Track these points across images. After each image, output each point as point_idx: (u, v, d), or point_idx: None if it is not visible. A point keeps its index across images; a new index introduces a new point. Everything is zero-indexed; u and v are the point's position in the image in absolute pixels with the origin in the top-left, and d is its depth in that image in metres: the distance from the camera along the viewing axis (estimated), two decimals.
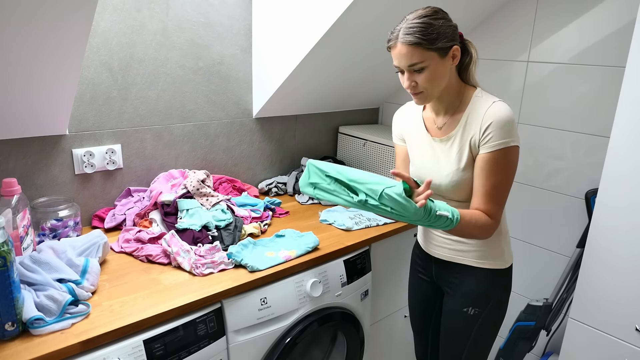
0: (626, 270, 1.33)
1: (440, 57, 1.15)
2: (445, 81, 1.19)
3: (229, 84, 1.88)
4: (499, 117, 1.15)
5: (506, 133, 1.15)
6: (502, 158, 1.16)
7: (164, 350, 1.13)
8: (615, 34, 1.64)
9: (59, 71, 1.18)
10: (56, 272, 1.15)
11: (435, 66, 1.15)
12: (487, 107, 1.18)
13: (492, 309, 1.33)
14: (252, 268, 1.35)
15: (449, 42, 1.15)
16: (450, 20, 1.18)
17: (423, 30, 1.12)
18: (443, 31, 1.13)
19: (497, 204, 1.19)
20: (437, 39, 1.13)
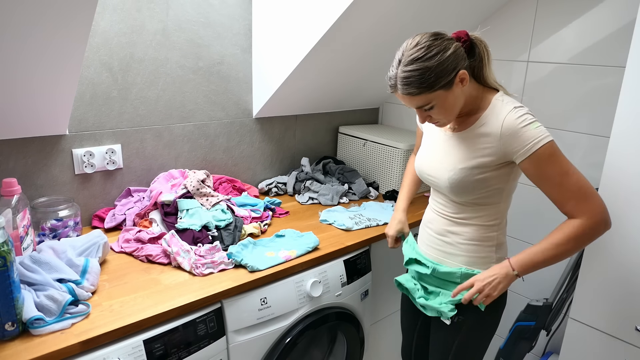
0: (626, 270, 1.33)
1: (447, 90, 1.10)
2: (460, 103, 1.15)
3: (229, 84, 1.88)
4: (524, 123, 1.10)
5: (538, 131, 1.09)
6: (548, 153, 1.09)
7: (164, 350, 1.13)
8: (615, 34, 1.64)
9: (59, 71, 1.18)
10: (56, 272, 1.15)
11: (444, 100, 1.11)
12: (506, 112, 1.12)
13: (478, 319, 1.28)
14: (252, 268, 1.35)
15: (450, 74, 1.08)
16: (447, 47, 1.08)
17: (420, 79, 1.07)
18: (441, 69, 1.07)
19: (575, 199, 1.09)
20: (436, 81, 1.07)
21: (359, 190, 2.04)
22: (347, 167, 2.18)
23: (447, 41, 1.10)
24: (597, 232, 1.11)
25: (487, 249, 1.26)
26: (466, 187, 1.21)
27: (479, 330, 1.31)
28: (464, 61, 1.11)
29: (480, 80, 1.20)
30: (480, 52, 1.16)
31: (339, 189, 2.00)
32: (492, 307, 1.27)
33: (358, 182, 2.07)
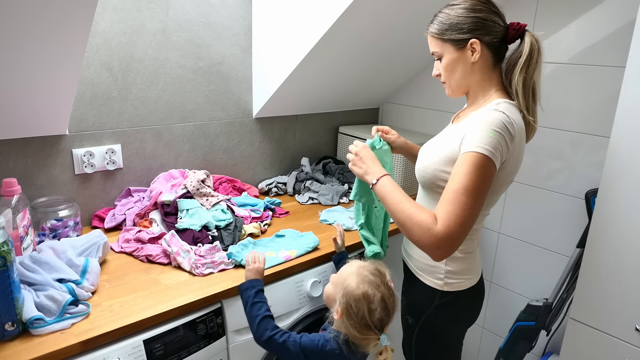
0: (626, 270, 1.33)
1: (456, 50, 1.11)
2: (463, 74, 1.13)
3: (229, 84, 1.88)
4: (488, 122, 1.03)
5: (488, 140, 1.01)
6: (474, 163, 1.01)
7: (164, 350, 1.13)
8: (615, 34, 1.64)
9: (59, 71, 1.18)
10: (56, 272, 1.15)
11: (450, 57, 1.13)
12: (486, 111, 1.07)
13: (426, 325, 1.26)
14: None
15: (464, 34, 1.08)
16: (480, 10, 1.08)
17: (438, 21, 1.12)
18: (457, 22, 1.08)
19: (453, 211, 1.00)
20: (447, 29, 1.10)
21: None
22: (347, 167, 2.18)
23: (484, 7, 1.09)
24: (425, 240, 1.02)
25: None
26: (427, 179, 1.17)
27: (428, 335, 1.28)
28: (487, 35, 1.09)
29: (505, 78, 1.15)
30: (523, 49, 1.09)
31: (339, 189, 2.00)
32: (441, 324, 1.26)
33: None
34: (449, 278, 1.22)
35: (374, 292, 1.05)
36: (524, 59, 1.08)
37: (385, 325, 1.07)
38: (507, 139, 1.03)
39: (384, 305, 1.05)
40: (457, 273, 1.22)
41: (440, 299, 1.23)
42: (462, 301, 1.25)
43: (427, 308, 1.25)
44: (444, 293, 1.23)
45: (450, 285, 1.22)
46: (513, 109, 1.10)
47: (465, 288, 1.23)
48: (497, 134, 1.02)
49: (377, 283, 1.07)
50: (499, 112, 1.05)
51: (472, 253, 1.24)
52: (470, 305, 1.29)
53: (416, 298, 1.29)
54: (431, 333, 1.28)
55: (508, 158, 1.08)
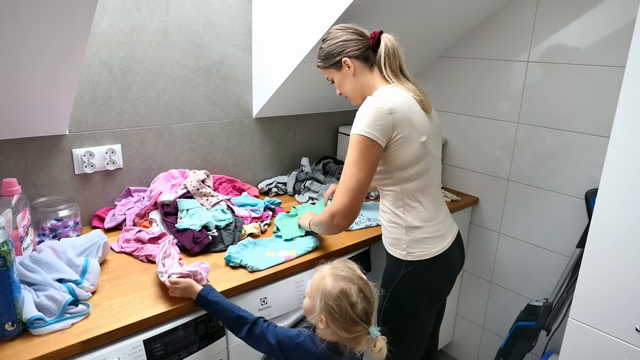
0: (626, 270, 1.33)
1: (337, 70, 1.40)
2: (352, 86, 1.39)
3: (229, 84, 1.88)
4: (360, 110, 1.27)
5: (360, 123, 1.25)
6: (351, 143, 1.27)
7: (164, 350, 1.13)
8: (615, 34, 1.64)
9: (59, 71, 1.18)
10: (56, 272, 1.15)
11: (337, 77, 1.42)
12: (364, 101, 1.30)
13: (392, 295, 1.37)
14: (252, 268, 1.35)
15: (336, 57, 1.37)
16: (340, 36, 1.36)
17: (318, 55, 1.43)
18: (330, 51, 1.38)
19: (338, 187, 1.29)
20: (326, 58, 1.40)
21: None
22: None
23: (343, 32, 1.37)
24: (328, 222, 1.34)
25: (398, 231, 1.35)
26: None
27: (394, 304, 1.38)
28: (354, 51, 1.35)
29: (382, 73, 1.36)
30: (382, 49, 1.34)
31: None
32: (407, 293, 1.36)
33: None
34: (411, 248, 1.34)
35: (349, 286, 1.06)
36: (384, 56, 1.34)
37: (370, 316, 1.07)
38: (380, 114, 1.23)
39: (362, 295, 1.06)
40: (417, 242, 1.34)
41: (405, 269, 1.35)
42: (425, 270, 1.35)
43: (395, 278, 1.37)
44: (407, 263, 1.35)
45: (413, 254, 1.34)
46: (390, 89, 1.31)
47: (427, 257, 1.34)
48: (367, 115, 1.24)
49: (350, 277, 1.08)
50: (370, 98, 1.28)
51: (432, 222, 1.36)
52: (433, 275, 1.37)
53: (386, 270, 1.42)
54: (397, 302, 1.37)
55: (395, 126, 1.25)
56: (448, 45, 2.12)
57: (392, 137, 1.26)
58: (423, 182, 1.34)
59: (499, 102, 2.02)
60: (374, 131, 1.23)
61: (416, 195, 1.33)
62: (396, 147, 1.27)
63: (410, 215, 1.34)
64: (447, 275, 1.43)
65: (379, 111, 1.23)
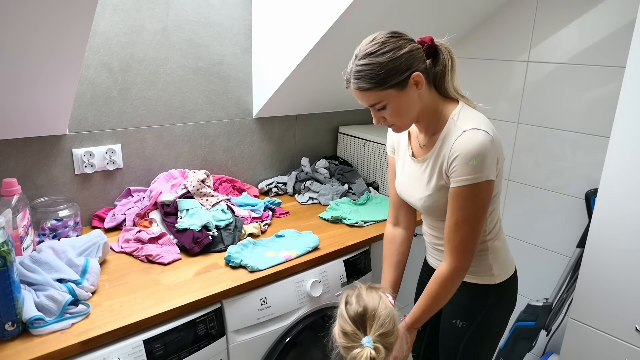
0: (626, 270, 1.33)
1: (399, 91, 1.06)
2: (414, 108, 1.11)
3: (229, 84, 1.88)
4: (465, 151, 1.06)
5: (472, 169, 1.06)
6: (466, 194, 1.09)
7: (164, 350, 1.13)
8: (615, 34, 1.64)
9: (59, 71, 1.18)
10: (56, 272, 1.15)
11: (396, 100, 1.08)
12: (456, 136, 1.09)
13: (481, 324, 1.27)
14: (252, 268, 1.35)
15: (403, 73, 1.05)
16: (403, 45, 1.05)
17: (370, 73, 1.04)
18: (392, 66, 1.03)
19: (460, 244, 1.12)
20: (387, 77, 1.04)
21: (359, 190, 2.03)
22: (347, 167, 2.18)
23: (404, 40, 1.06)
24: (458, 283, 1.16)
25: (484, 258, 1.25)
26: (440, 210, 1.19)
27: (485, 334, 1.30)
28: (421, 63, 1.08)
29: (440, 90, 1.16)
30: (444, 58, 1.11)
31: (339, 189, 2.00)
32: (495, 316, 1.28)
33: (358, 182, 2.07)
34: (498, 269, 1.26)
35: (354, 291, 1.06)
36: (449, 67, 1.12)
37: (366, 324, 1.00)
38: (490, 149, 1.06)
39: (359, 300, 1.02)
40: (502, 263, 1.26)
41: (494, 295, 1.27)
42: (511, 288, 1.30)
43: (483, 308, 1.27)
44: (496, 287, 1.26)
45: (501, 276, 1.26)
46: (471, 112, 1.13)
47: (512, 273, 1.29)
48: (481, 156, 1.05)
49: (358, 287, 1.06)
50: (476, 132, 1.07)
51: (504, 243, 1.30)
52: (515, 288, 1.32)
53: (468, 301, 1.28)
54: (487, 331, 1.29)
55: (499, 153, 1.12)
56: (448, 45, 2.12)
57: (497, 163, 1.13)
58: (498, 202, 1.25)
59: (499, 102, 2.02)
60: (492, 170, 1.08)
61: (496, 216, 1.24)
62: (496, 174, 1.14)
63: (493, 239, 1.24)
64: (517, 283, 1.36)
65: (489, 146, 1.06)
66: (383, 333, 0.99)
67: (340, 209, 1.84)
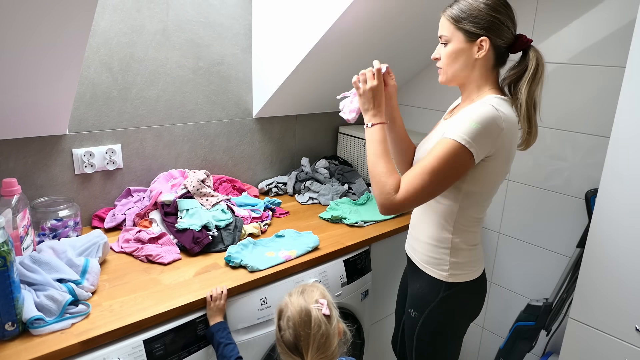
0: (626, 270, 1.33)
1: (466, 41, 1.14)
2: (463, 66, 1.17)
3: (229, 84, 1.88)
4: (471, 112, 1.09)
5: (466, 130, 1.07)
6: (444, 145, 1.09)
7: (164, 350, 1.13)
8: (615, 34, 1.64)
9: (59, 71, 1.18)
10: (56, 272, 1.15)
11: (457, 46, 1.15)
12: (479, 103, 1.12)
13: (430, 317, 1.27)
14: (252, 268, 1.35)
15: (479, 29, 1.12)
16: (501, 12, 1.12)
17: (459, 8, 1.14)
18: (477, 15, 1.11)
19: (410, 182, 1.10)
20: (465, 19, 1.13)
21: (359, 190, 2.04)
22: (347, 167, 2.18)
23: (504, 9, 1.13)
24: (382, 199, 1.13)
25: (441, 251, 1.24)
26: None
27: (431, 328, 1.29)
28: (500, 39, 1.13)
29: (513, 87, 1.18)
30: (530, 62, 1.14)
31: (338, 189, 2.00)
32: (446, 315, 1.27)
33: (358, 182, 2.07)
34: (454, 270, 1.24)
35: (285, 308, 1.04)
36: (530, 73, 1.13)
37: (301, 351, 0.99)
38: (493, 132, 1.08)
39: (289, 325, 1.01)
40: (461, 265, 1.24)
41: (445, 291, 1.25)
42: (466, 293, 1.27)
43: (432, 300, 1.26)
44: (448, 285, 1.24)
45: (455, 276, 1.24)
46: (505, 104, 1.14)
47: (469, 280, 1.25)
48: (480, 126, 1.07)
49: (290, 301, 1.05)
50: (489, 105, 1.09)
51: (477, 245, 1.27)
52: (474, 297, 1.30)
53: (421, 291, 1.30)
54: (434, 325, 1.28)
55: (497, 150, 1.11)
56: None
57: (486, 157, 1.11)
58: (481, 208, 1.22)
59: None
60: (478, 145, 1.07)
61: (470, 218, 1.21)
62: (480, 169, 1.13)
63: (459, 237, 1.22)
64: (484, 295, 1.34)
65: (493, 126, 1.07)
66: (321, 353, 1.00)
67: (340, 209, 1.84)
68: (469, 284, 1.26)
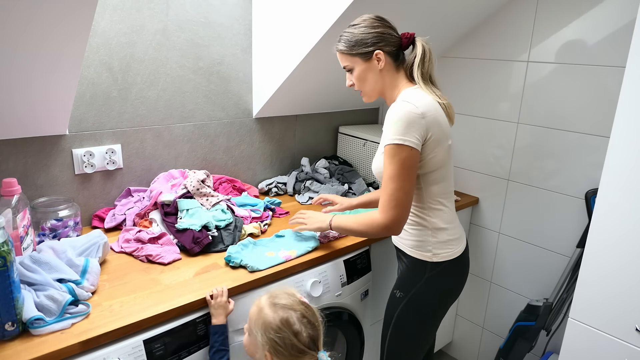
0: (626, 270, 1.33)
1: (364, 61, 1.31)
2: (374, 80, 1.33)
3: (229, 84, 1.88)
4: (391, 115, 1.24)
5: (394, 131, 1.21)
6: (389, 152, 1.23)
7: (164, 350, 1.13)
8: (615, 34, 1.64)
9: (59, 71, 1.18)
10: (56, 272, 1.15)
11: (360, 68, 1.33)
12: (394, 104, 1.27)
13: (415, 297, 1.37)
14: (252, 268, 1.35)
15: (368, 47, 1.29)
16: (377, 27, 1.29)
17: (344, 39, 1.32)
18: (362, 38, 1.29)
19: (386, 199, 1.24)
20: (354, 46, 1.30)
21: (359, 190, 2.04)
22: (347, 167, 2.18)
23: (381, 24, 1.30)
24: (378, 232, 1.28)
25: (423, 233, 1.35)
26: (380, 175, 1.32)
27: (415, 307, 1.38)
28: (390, 47, 1.30)
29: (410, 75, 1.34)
30: (417, 51, 1.31)
31: (338, 189, 2.00)
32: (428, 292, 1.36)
33: (358, 182, 2.07)
34: (437, 249, 1.34)
35: (290, 314, 1.00)
36: (418, 59, 1.30)
37: (317, 341, 1.01)
38: (414, 119, 1.21)
39: (306, 321, 1.00)
40: (443, 243, 1.35)
41: (430, 271, 1.35)
42: (450, 272, 1.37)
43: (418, 281, 1.36)
44: (433, 265, 1.35)
45: (439, 255, 1.35)
46: (416, 92, 1.28)
47: (452, 257, 1.36)
48: (401, 121, 1.21)
49: (290, 304, 1.02)
50: (400, 101, 1.25)
51: (454, 223, 1.39)
52: (457, 275, 1.42)
53: (407, 273, 1.40)
54: (419, 305, 1.38)
55: (429, 129, 1.24)
56: (448, 45, 2.12)
57: (425, 141, 1.25)
58: (446, 185, 1.35)
59: (499, 102, 2.02)
60: (411, 137, 1.21)
61: (440, 197, 1.34)
62: (427, 151, 1.26)
63: (436, 217, 1.34)
64: (466, 274, 1.46)
65: (413, 116, 1.21)
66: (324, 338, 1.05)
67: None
68: (453, 262, 1.36)
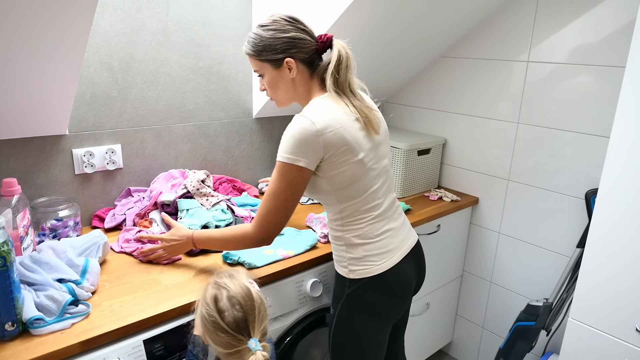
0: (626, 270, 1.33)
1: (274, 68, 1.20)
2: (286, 88, 1.23)
3: (229, 84, 1.88)
4: (286, 131, 1.14)
5: (285, 148, 1.12)
6: (277, 168, 1.15)
7: (164, 350, 1.13)
8: (615, 34, 1.64)
9: (59, 71, 1.18)
10: (56, 272, 1.15)
11: (270, 75, 1.22)
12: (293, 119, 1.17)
13: (340, 314, 1.27)
14: (249, 265, 1.35)
15: (278, 54, 1.17)
16: (289, 31, 1.17)
17: (252, 42, 1.20)
18: (271, 44, 1.17)
19: (262, 214, 1.18)
20: (263, 51, 1.18)
21: None
22: None
23: (294, 27, 1.18)
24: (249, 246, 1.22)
25: (340, 248, 1.27)
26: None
27: (342, 326, 1.27)
28: (302, 53, 1.19)
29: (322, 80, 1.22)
30: (333, 55, 1.18)
31: None
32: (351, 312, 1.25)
33: None
34: (352, 265, 1.24)
35: (221, 291, 0.97)
36: (333, 64, 1.17)
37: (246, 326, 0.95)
38: (309, 138, 1.11)
39: (235, 302, 0.96)
40: (358, 260, 1.23)
41: (349, 287, 1.25)
42: (370, 290, 1.24)
43: (341, 297, 1.27)
44: (351, 281, 1.24)
45: (354, 272, 1.24)
46: (322, 104, 1.17)
47: (369, 275, 1.22)
48: (294, 139, 1.11)
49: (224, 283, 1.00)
50: (299, 117, 1.14)
51: (373, 240, 1.23)
52: (381, 295, 1.25)
53: (334, 288, 1.32)
54: (344, 322, 1.27)
55: (330, 148, 1.13)
56: (448, 45, 2.12)
57: (325, 158, 1.14)
58: (364, 199, 1.22)
59: (499, 102, 2.02)
60: (302, 157, 1.11)
61: (356, 212, 1.22)
62: (330, 169, 1.16)
63: (349, 232, 1.23)
64: (398, 292, 1.28)
65: (307, 134, 1.11)
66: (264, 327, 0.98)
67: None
68: (373, 280, 1.23)
